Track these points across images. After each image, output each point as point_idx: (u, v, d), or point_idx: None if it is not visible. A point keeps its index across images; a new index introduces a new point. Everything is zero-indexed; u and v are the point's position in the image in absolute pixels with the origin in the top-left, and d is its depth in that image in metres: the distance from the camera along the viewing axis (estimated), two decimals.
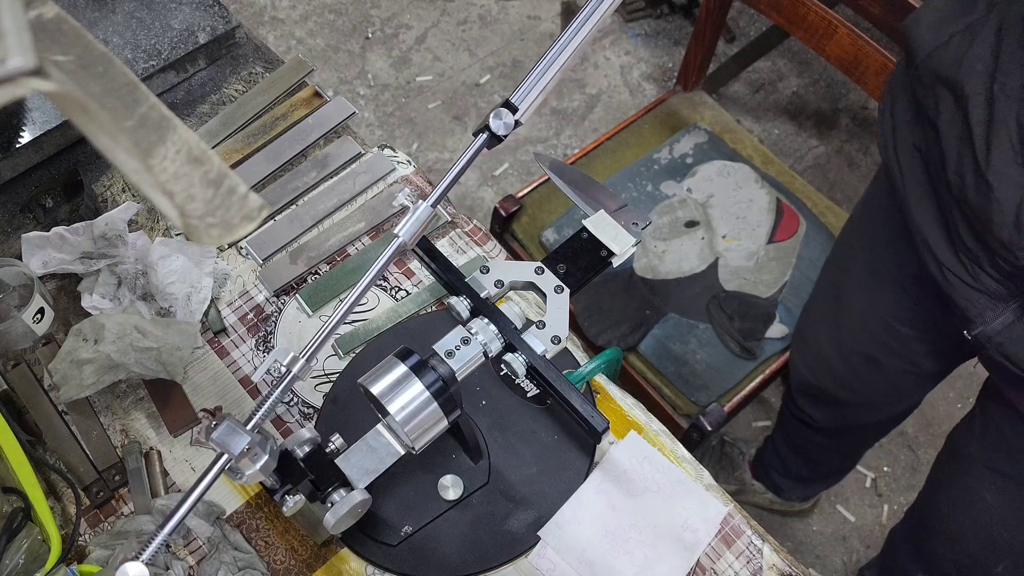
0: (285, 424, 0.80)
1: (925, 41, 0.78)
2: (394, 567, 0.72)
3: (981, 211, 0.73)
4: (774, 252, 1.31)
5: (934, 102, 0.77)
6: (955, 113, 0.74)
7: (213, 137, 0.95)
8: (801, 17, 1.20)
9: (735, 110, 2.12)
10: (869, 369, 1.08)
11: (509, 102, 0.60)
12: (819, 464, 1.40)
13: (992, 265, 0.76)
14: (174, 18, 0.99)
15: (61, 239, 0.82)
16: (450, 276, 0.65)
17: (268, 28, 2.21)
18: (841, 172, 2.05)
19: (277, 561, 0.73)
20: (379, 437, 0.66)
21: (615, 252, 0.67)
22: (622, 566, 0.72)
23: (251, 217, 0.40)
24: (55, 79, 0.34)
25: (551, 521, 0.74)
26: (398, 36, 2.22)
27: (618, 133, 1.45)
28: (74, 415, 0.79)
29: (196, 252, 0.85)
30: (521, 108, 0.60)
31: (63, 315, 0.85)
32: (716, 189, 1.36)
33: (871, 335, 1.04)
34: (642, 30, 2.24)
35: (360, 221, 0.91)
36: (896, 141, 0.86)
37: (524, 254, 1.37)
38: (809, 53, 2.19)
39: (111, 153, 0.38)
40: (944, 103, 0.76)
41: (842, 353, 1.10)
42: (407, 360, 0.60)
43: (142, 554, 0.49)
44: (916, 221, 0.84)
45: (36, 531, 0.70)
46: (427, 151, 2.04)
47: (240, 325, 0.85)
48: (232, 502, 0.76)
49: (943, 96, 0.76)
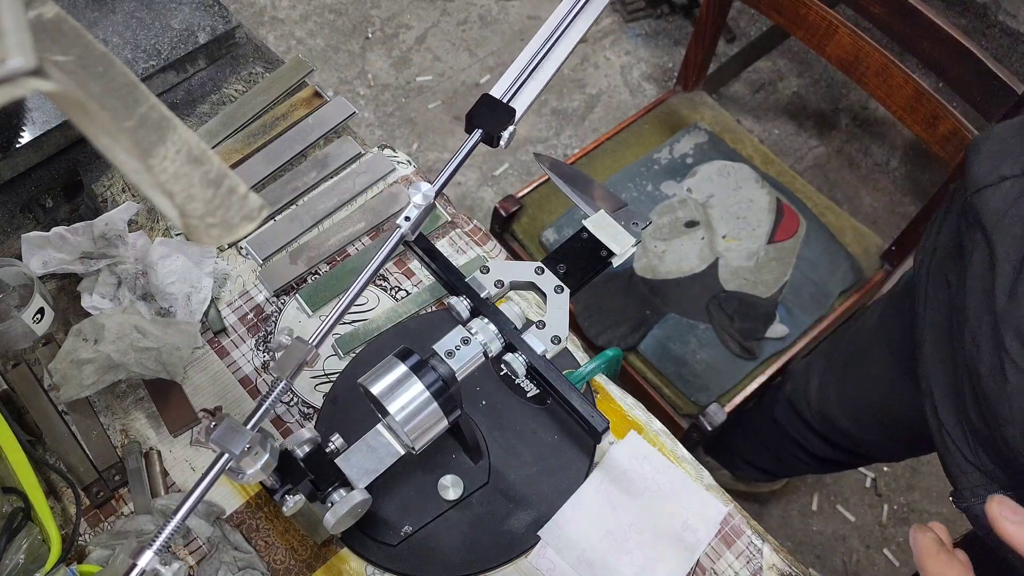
0: (285, 424, 0.80)
1: (978, 175, 0.66)
2: (394, 567, 0.72)
3: (991, 398, 0.62)
4: (774, 252, 1.31)
5: (972, 246, 0.66)
6: (986, 271, 0.63)
7: (213, 137, 0.95)
8: (801, 17, 1.20)
9: (735, 110, 2.12)
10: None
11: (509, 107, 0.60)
12: (795, 469, 1.35)
13: (996, 451, 0.65)
14: (174, 18, 0.99)
15: (61, 239, 0.82)
16: (450, 276, 0.65)
17: (268, 28, 2.21)
18: (841, 172, 2.05)
19: (277, 561, 0.73)
20: (379, 437, 0.66)
21: (615, 252, 0.67)
22: (622, 566, 0.72)
23: (251, 217, 0.40)
24: (55, 79, 0.34)
25: (551, 521, 0.74)
26: (398, 36, 2.22)
27: (618, 133, 1.45)
28: (74, 415, 0.79)
29: (196, 252, 0.85)
30: (518, 110, 0.60)
31: (63, 315, 0.85)
32: (716, 189, 1.36)
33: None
34: (642, 30, 2.24)
35: (360, 221, 0.91)
36: (932, 263, 0.75)
37: (524, 254, 1.37)
38: (809, 53, 2.19)
39: (111, 153, 0.38)
40: (978, 254, 0.65)
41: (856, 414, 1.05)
42: (407, 360, 0.60)
43: (155, 542, 0.49)
44: (926, 365, 0.73)
45: (36, 531, 0.70)
46: (427, 151, 2.04)
47: (240, 325, 0.85)
48: (232, 502, 0.76)
49: (979, 244, 0.65)
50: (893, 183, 2.03)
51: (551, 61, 0.63)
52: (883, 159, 2.07)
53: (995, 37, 2.25)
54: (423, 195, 0.58)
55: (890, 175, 2.05)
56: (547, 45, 0.63)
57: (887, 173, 2.05)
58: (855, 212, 1.97)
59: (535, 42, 0.63)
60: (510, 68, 0.63)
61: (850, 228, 1.38)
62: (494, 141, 0.60)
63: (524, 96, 0.62)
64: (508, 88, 0.62)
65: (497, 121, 0.60)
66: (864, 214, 1.97)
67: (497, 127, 0.60)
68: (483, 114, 0.61)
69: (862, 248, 1.36)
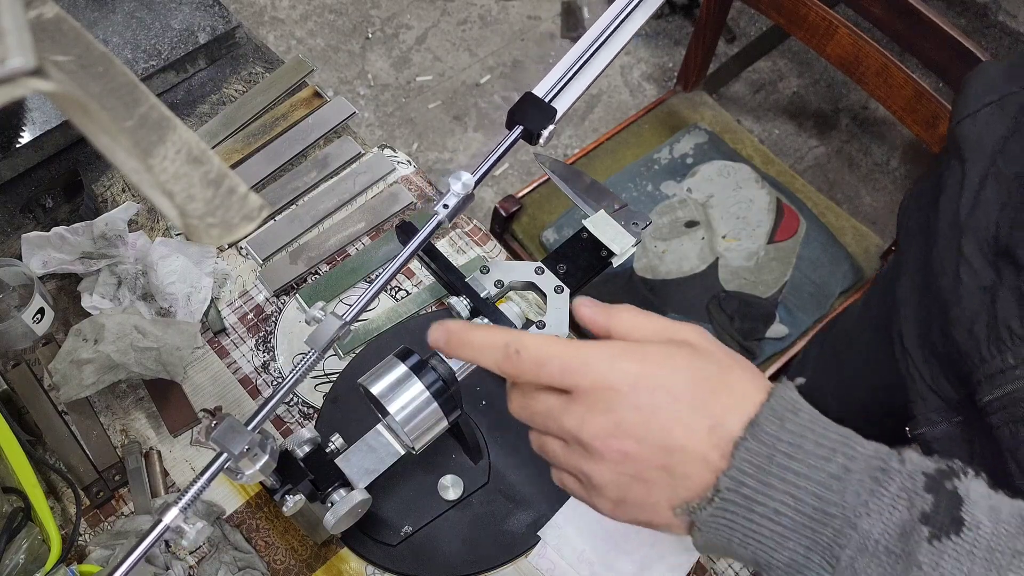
0: (285, 424, 0.80)
1: (960, 106, 0.69)
2: (394, 567, 0.72)
3: (948, 304, 0.65)
4: (774, 252, 1.31)
5: (948, 174, 0.69)
6: (957, 194, 0.66)
7: (213, 137, 0.95)
8: (801, 17, 1.20)
9: (735, 110, 2.12)
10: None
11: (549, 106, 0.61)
12: None
13: (951, 369, 0.68)
14: (174, 18, 0.99)
15: (61, 239, 0.82)
16: (450, 276, 0.65)
17: (268, 28, 2.21)
18: (841, 172, 2.05)
19: (277, 561, 0.73)
20: (379, 437, 0.66)
21: (615, 252, 0.67)
22: (622, 566, 0.72)
23: (251, 217, 0.40)
24: (55, 79, 0.34)
25: (551, 521, 0.74)
26: (398, 36, 2.22)
27: (618, 133, 1.45)
28: (74, 415, 0.79)
29: (196, 252, 0.85)
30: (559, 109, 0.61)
31: (63, 315, 0.85)
32: (716, 189, 1.36)
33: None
34: (642, 30, 2.24)
35: (360, 221, 0.91)
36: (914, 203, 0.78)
37: (524, 254, 1.37)
38: (809, 53, 2.19)
39: (111, 153, 0.38)
40: (953, 179, 0.68)
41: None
42: (407, 360, 0.60)
43: (181, 499, 0.50)
44: (900, 299, 0.76)
45: (36, 531, 0.70)
46: (427, 151, 2.04)
47: (240, 325, 0.85)
48: (232, 502, 0.76)
49: (955, 171, 0.68)
50: (893, 183, 2.03)
51: (596, 63, 0.64)
52: (883, 159, 2.07)
53: (995, 37, 2.26)
54: (463, 184, 0.58)
55: (890, 175, 2.05)
56: (593, 47, 0.64)
57: (887, 173, 2.05)
58: (855, 212, 1.97)
59: (582, 43, 0.64)
60: (554, 68, 0.63)
61: (850, 228, 1.38)
62: (534, 138, 0.61)
63: (566, 97, 0.63)
64: (551, 88, 0.63)
65: (538, 119, 0.61)
66: (864, 214, 1.98)
67: (538, 125, 0.61)
68: (525, 111, 0.61)
69: (862, 248, 1.36)
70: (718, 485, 0.41)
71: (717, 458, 0.41)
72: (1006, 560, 0.37)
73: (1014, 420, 0.58)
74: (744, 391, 0.42)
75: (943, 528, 0.37)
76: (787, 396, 0.42)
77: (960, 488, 0.39)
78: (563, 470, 0.48)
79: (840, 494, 0.39)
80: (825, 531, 0.39)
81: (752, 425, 0.41)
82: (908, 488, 0.38)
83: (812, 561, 0.39)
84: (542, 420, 0.46)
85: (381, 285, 0.57)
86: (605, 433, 0.42)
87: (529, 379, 0.45)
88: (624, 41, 0.65)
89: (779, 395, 0.42)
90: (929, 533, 0.37)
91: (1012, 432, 0.59)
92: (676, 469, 0.42)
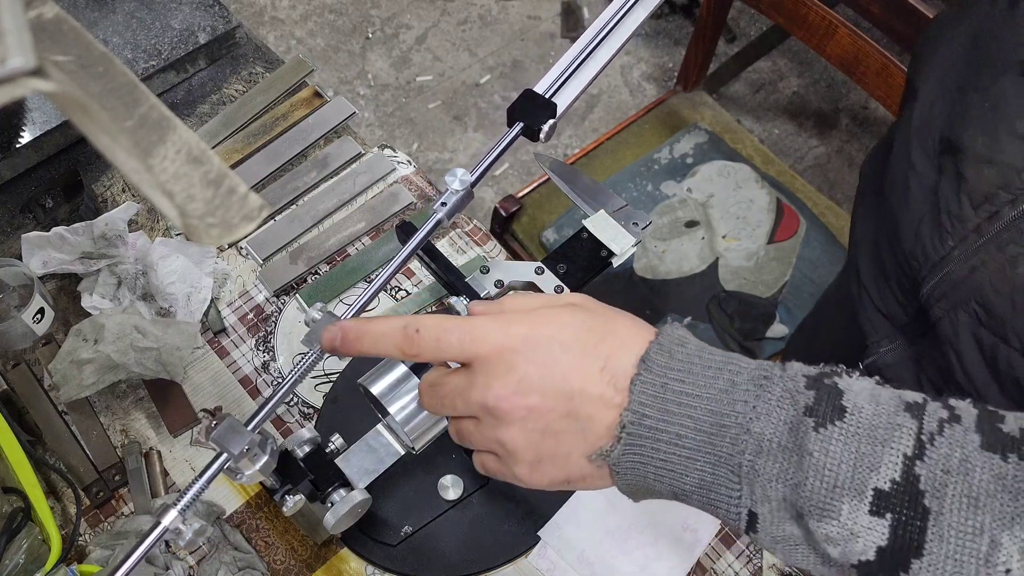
0: (285, 424, 0.80)
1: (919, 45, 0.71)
2: (394, 567, 0.72)
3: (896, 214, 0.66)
4: (774, 252, 1.31)
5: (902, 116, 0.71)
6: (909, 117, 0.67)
7: (213, 137, 0.95)
8: (801, 17, 1.20)
9: (735, 110, 2.12)
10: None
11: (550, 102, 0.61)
12: None
13: (898, 284, 0.69)
14: (174, 18, 0.99)
15: (61, 239, 0.82)
16: (450, 276, 0.65)
17: (268, 28, 2.21)
18: (841, 172, 2.05)
19: (277, 561, 0.73)
20: (379, 437, 0.66)
21: (615, 252, 0.67)
22: (622, 566, 0.72)
23: (251, 217, 0.40)
24: (55, 79, 0.34)
25: (551, 521, 0.74)
26: (398, 36, 2.22)
27: (618, 133, 1.45)
28: (74, 415, 0.79)
29: (196, 252, 0.84)
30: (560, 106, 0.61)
31: (63, 315, 0.85)
32: (716, 189, 1.36)
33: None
34: (642, 30, 2.25)
35: (360, 221, 0.91)
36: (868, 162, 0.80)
37: (524, 254, 1.37)
38: (809, 53, 2.19)
39: (111, 153, 0.38)
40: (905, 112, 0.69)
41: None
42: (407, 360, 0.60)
43: (179, 502, 0.50)
44: (855, 233, 0.77)
45: (36, 531, 0.70)
46: (427, 151, 2.04)
47: (240, 325, 0.85)
48: (232, 502, 0.76)
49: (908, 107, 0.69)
50: None
51: (596, 60, 0.64)
52: None
53: None
54: (459, 180, 0.58)
55: None
56: (593, 44, 0.64)
57: None
58: None
59: (582, 40, 0.64)
60: (555, 66, 0.63)
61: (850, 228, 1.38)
62: (535, 134, 0.61)
63: (566, 94, 0.63)
64: (551, 84, 0.62)
65: (538, 115, 0.61)
66: None
67: (538, 120, 0.61)
68: (524, 108, 0.61)
69: None
70: (622, 421, 0.43)
71: (614, 394, 0.43)
72: (888, 433, 0.39)
73: (953, 307, 0.60)
74: (629, 334, 0.45)
75: (827, 416, 0.39)
76: (674, 333, 0.45)
77: (840, 383, 0.41)
78: (481, 450, 0.50)
79: (731, 405, 0.41)
80: (724, 443, 0.41)
81: (643, 360, 0.43)
82: (791, 389, 0.41)
83: (719, 476, 0.41)
84: (451, 401, 0.48)
85: (380, 285, 0.57)
86: (509, 391, 0.44)
87: (430, 356, 0.47)
88: (624, 37, 0.65)
89: (667, 333, 0.45)
90: (814, 423, 0.39)
91: (952, 321, 0.60)
92: (579, 411, 0.44)
